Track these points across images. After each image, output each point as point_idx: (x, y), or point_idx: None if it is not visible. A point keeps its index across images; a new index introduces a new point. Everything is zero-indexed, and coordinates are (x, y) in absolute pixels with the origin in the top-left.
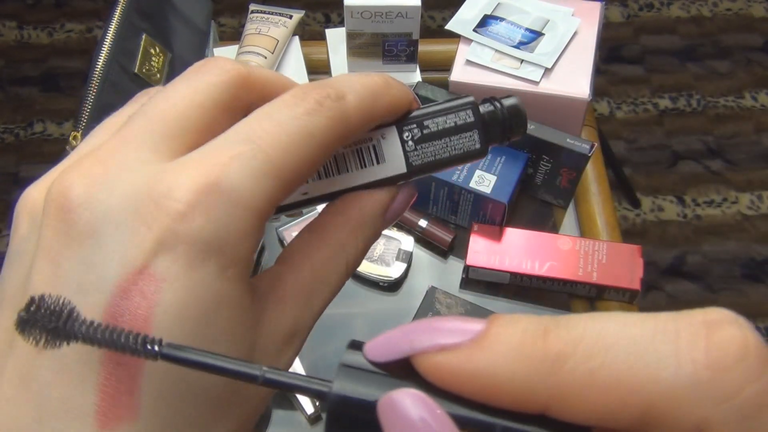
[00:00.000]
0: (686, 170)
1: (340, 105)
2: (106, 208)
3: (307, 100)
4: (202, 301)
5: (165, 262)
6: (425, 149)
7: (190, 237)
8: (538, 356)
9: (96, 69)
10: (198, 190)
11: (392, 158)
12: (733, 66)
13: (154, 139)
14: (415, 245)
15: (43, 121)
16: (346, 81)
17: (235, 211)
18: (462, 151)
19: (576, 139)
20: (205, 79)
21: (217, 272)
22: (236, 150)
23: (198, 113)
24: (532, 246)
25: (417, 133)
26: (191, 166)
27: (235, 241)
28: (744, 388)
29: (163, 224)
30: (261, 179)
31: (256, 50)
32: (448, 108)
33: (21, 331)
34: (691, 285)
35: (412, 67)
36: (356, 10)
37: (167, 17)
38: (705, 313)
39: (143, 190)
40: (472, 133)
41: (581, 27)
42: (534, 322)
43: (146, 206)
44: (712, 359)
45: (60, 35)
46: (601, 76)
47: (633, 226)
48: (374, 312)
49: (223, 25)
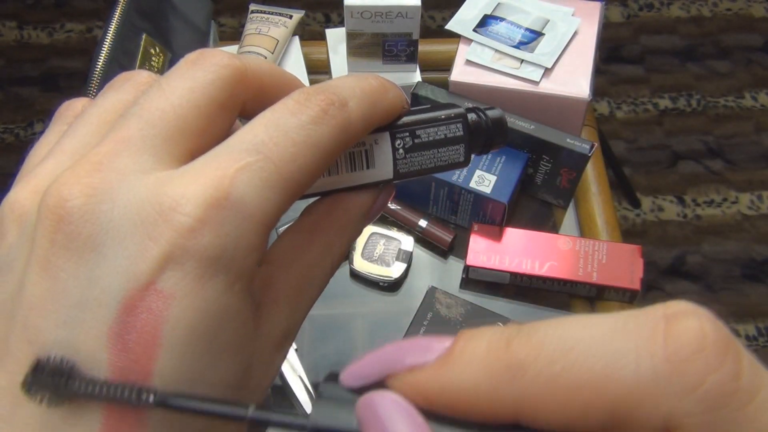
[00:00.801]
0: (686, 170)
1: (343, 113)
2: (108, 221)
3: (311, 107)
4: (210, 316)
5: (173, 277)
6: (413, 158)
7: (200, 252)
8: (501, 366)
9: (96, 69)
10: (207, 204)
11: (382, 164)
12: (733, 66)
13: (153, 144)
14: (415, 245)
15: (43, 121)
16: (347, 86)
17: (243, 224)
18: (446, 163)
19: (576, 139)
20: (201, 76)
21: (225, 287)
22: (244, 160)
23: (196, 114)
24: (532, 246)
25: (408, 142)
26: (198, 177)
27: (243, 255)
28: (705, 379)
29: (171, 239)
30: (268, 191)
31: (256, 50)
32: (440, 119)
33: (27, 393)
34: (691, 285)
35: (412, 67)
36: (356, 10)
37: (167, 17)
38: (665, 307)
39: (148, 201)
40: (459, 146)
41: (581, 27)
42: (497, 333)
43: (152, 219)
44: (670, 352)
45: (60, 35)
46: (601, 76)
47: (633, 226)
48: (374, 312)
49: (223, 25)
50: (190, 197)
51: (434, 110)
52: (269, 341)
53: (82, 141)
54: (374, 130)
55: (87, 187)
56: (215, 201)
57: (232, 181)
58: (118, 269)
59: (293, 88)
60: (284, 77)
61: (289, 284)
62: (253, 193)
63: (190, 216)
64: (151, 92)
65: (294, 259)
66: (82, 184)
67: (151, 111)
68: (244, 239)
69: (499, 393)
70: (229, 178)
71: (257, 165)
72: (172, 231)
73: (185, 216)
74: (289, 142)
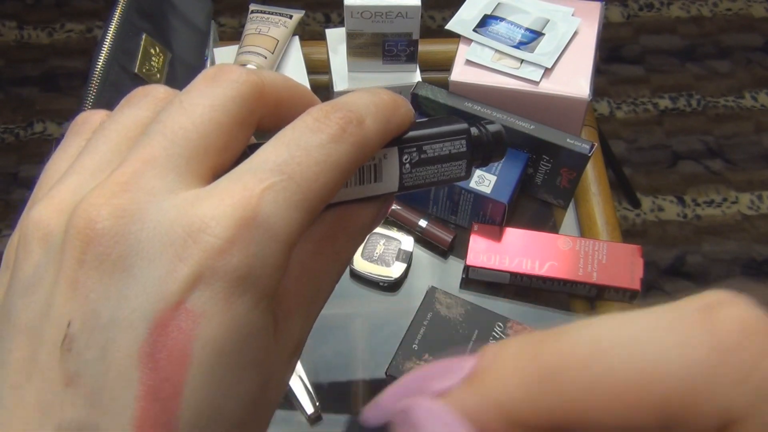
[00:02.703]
0: (686, 170)
1: (361, 131)
2: (137, 241)
3: (330, 126)
4: (237, 333)
5: (202, 297)
6: (419, 173)
7: (228, 273)
8: (533, 377)
9: (96, 69)
10: (236, 225)
11: (389, 178)
12: (733, 66)
13: (178, 163)
14: (415, 245)
15: (43, 121)
16: (362, 103)
17: (270, 244)
18: (448, 177)
19: (576, 139)
20: (222, 93)
21: (252, 305)
22: (269, 180)
23: (218, 132)
24: (532, 246)
25: (415, 156)
26: (225, 198)
27: (269, 274)
28: (758, 365)
29: (201, 259)
30: (293, 211)
31: (256, 50)
32: (445, 134)
33: None
34: (691, 285)
35: (412, 67)
36: (356, 10)
37: (167, 17)
38: (700, 298)
39: (177, 222)
40: (462, 162)
41: (581, 27)
42: (523, 343)
43: (182, 240)
44: (716, 341)
45: (60, 35)
46: (601, 76)
47: (633, 226)
48: (374, 312)
49: (223, 25)
50: (219, 218)
51: (439, 124)
52: (285, 352)
53: (104, 158)
54: None
55: (116, 208)
56: (243, 222)
57: (259, 202)
58: (148, 289)
59: (308, 102)
60: (299, 90)
61: (301, 294)
62: (278, 213)
63: (218, 237)
64: (171, 109)
65: (304, 271)
66: (111, 206)
67: (174, 129)
68: (270, 258)
69: (537, 405)
70: (256, 198)
71: (281, 185)
72: (201, 252)
73: (214, 237)
74: (312, 161)
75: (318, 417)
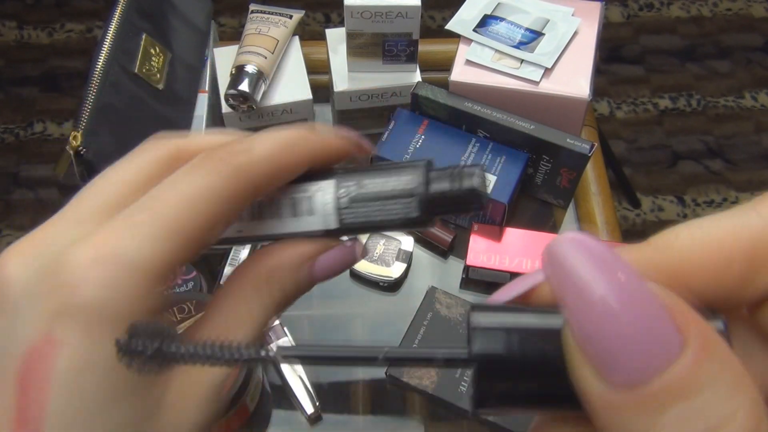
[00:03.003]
0: (686, 170)
1: (237, 159)
2: (24, 283)
3: (206, 161)
4: (97, 362)
5: (64, 328)
6: (358, 209)
7: (85, 305)
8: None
9: (96, 69)
10: (91, 262)
11: (324, 212)
12: (733, 66)
13: (81, 216)
14: (415, 245)
15: (43, 121)
16: (260, 135)
17: (126, 276)
18: (398, 216)
19: (576, 139)
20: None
21: (112, 335)
22: (135, 219)
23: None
24: (532, 246)
25: (353, 190)
26: (89, 239)
27: (129, 304)
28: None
29: (60, 296)
30: (155, 243)
31: (256, 50)
32: (392, 170)
33: (123, 357)
34: None
35: (412, 67)
36: (356, 10)
37: (167, 17)
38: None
39: (51, 265)
40: (410, 200)
41: (581, 27)
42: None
43: (49, 279)
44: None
45: (60, 35)
46: (601, 76)
47: (633, 226)
48: (374, 312)
49: (223, 25)
50: (78, 258)
51: (394, 164)
52: (164, 386)
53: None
54: (320, 177)
55: (19, 255)
56: (99, 258)
57: (117, 238)
58: (25, 323)
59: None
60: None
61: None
62: (137, 245)
63: (74, 275)
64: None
65: (214, 309)
66: (17, 253)
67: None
68: (128, 290)
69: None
70: (114, 235)
71: (140, 219)
72: (60, 288)
73: (70, 275)
74: (173, 194)
75: (318, 417)
